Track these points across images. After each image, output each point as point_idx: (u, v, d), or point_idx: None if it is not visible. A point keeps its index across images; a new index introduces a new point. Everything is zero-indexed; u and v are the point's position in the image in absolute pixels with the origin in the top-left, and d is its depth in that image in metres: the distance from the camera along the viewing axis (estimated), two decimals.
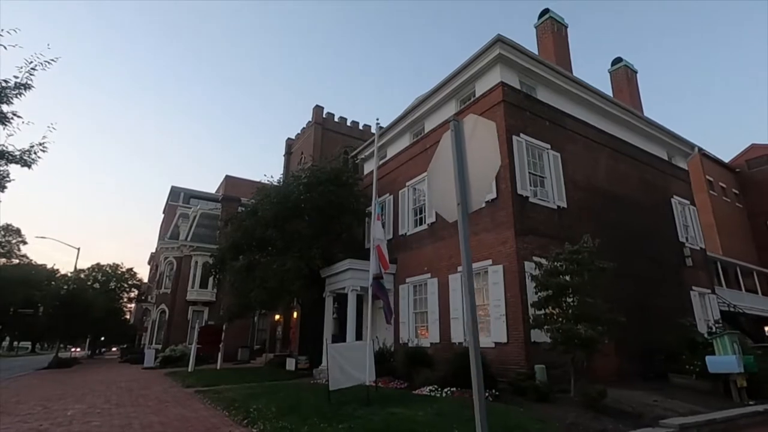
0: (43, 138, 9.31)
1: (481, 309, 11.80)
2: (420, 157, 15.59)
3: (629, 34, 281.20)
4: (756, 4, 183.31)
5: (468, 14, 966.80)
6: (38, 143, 9.24)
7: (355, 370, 8.67)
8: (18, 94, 8.76)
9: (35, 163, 9.21)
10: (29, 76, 8.89)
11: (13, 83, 8.80)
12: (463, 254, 2.87)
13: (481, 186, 2.91)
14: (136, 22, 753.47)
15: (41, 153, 9.17)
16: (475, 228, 12.36)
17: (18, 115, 8.90)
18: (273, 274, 14.43)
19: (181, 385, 13.47)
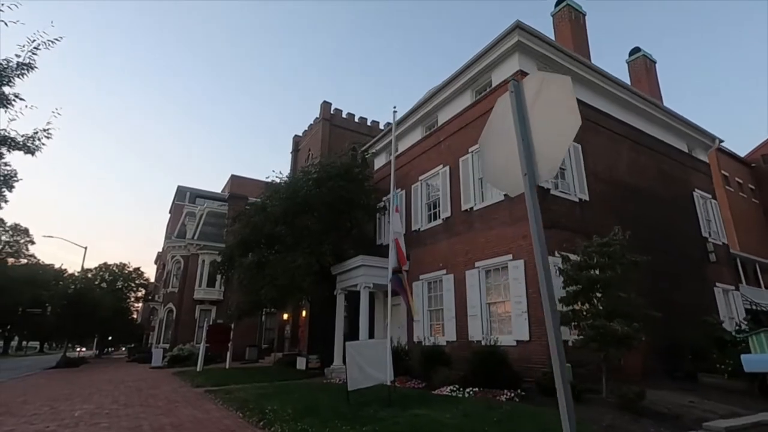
0: (47, 124, 8.93)
1: (501, 306, 11.38)
2: (433, 151, 15.17)
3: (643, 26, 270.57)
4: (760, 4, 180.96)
5: (474, 11, 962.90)
6: (42, 129, 8.86)
7: (373, 370, 8.27)
8: (20, 74, 8.37)
9: (39, 150, 8.83)
10: (32, 55, 8.50)
11: (15, 63, 8.41)
12: (535, 236, 2.45)
13: (553, 153, 2.48)
14: (141, 23, 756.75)
15: (45, 140, 8.79)
16: (492, 222, 11.95)
17: (20, 98, 8.47)
18: (283, 271, 14.06)
19: (190, 385, 13.14)
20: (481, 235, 12.24)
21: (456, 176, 13.73)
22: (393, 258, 8.87)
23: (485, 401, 7.76)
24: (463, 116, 13.94)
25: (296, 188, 15.71)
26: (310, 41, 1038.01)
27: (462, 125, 13.91)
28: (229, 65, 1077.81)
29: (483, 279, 11.98)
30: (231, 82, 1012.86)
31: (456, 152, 13.97)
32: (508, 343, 10.42)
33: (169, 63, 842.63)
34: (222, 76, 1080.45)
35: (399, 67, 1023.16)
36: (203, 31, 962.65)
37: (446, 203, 13.91)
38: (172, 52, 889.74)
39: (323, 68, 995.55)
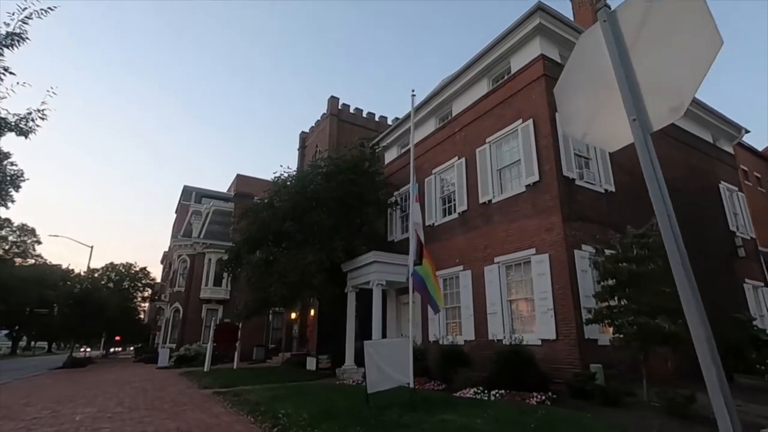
0: (42, 104, 8.34)
1: (524, 303, 10.79)
2: (448, 143, 14.59)
3: None
4: None
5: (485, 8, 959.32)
6: (37, 109, 8.31)
7: (393, 371, 7.73)
8: (10, 44, 7.81)
9: (33, 132, 8.28)
10: (23, 25, 7.93)
11: (4, 32, 7.85)
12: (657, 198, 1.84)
13: (681, 86, 1.88)
14: (149, 24, 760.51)
15: (40, 121, 8.25)
16: (513, 215, 11.35)
17: (11, 72, 7.89)
18: (293, 268, 13.53)
19: (197, 386, 12.66)
20: (501, 228, 11.65)
21: (472, 168, 13.14)
22: (414, 251, 8.28)
23: (515, 405, 7.18)
24: (479, 106, 13.35)
25: (305, 183, 15.19)
26: (317, 39, 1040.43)
27: (478, 115, 13.32)
28: (235, 64, 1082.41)
29: (503, 275, 11.39)
30: (237, 80, 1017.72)
31: (472, 143, 13.38)
32: (533, 342, 9.83)
33: (178, 63, 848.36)
34: (227, 75, 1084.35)
35: (406, 63, 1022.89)
36: (210, 31, 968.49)
37: (462, 196, 13.33)
38: (175, 52, 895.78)
39: (330, 65, 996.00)
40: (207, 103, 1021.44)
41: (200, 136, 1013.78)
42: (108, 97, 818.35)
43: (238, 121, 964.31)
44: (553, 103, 11.02)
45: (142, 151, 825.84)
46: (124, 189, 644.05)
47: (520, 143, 11.50)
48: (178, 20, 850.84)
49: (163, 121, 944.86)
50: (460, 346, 11.61)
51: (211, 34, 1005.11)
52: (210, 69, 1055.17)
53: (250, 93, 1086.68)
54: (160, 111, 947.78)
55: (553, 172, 10.42)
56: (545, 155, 10.71)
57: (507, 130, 12.07)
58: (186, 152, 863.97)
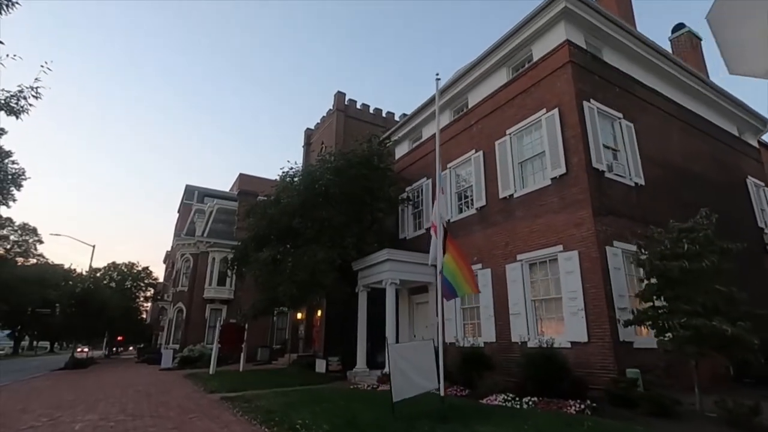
0: (35, 81, 7.69)
1: (550, 303, 10.17)
2: (463, 136, 13.97)
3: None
4: None
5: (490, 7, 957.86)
6: (29, 87, 7.68)
7: (418, 376, 7.14)
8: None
9: (26, 112, 7.66)
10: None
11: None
12: None
13: None
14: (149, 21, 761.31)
15: (34, 100, 7.62)
16: (537, 209, 10.73)
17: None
18: (302, 266, 12.94)
19: (203, 390, 12.08)
20: (524, 224, 11.03)
21: (491, 161, 12.53)
22: (439, 246, 7.66)
23: (557, 415, 6.57)
24: (498, 96, 12.73)
25: (314, 178, 14.58)
26: (321, 34, 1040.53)
27: (497, 106, 12.70)
28: (237, 62, 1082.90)
29: (527, 273, 10.78)
30: (239, 79, 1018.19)
31: (491, 135, 12.76)
32: (562, 345, 9.22)
33: (180, 62, 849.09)
34: (230, 73, 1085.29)
35: (413, 59, 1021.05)
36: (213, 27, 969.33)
37: (480, 191, 12.72)
38: (179, 51, 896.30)
39: (335, 62, 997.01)
40: (209, 101, 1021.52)
41: (202, 134, 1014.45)
42: (108, 95, 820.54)
43: (240, 119, 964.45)
44: (580, 91, 10.42)
45: (144, 149, 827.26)
46: (126, 188, 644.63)
47: (545, 134, 10.88)
48: (181, 16, 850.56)
49: (165, 119, 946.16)
50: (481, 348, 11.01)
51: (214, 31, 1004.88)
52: (212, 67, 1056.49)
53: (252, 91, 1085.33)
54: (161, 109, 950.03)
55: (581, 164, 9.80)
56: (573, 146, 10.09)
57: (529, 121, 11.45)
58: (188, 151, 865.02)
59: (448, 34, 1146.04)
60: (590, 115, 10.32)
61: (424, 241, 14.89)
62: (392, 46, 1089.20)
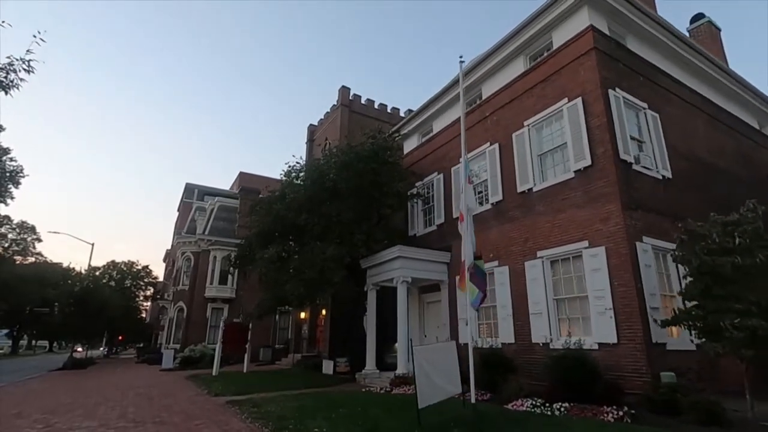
0: (27, 53, 7.07)
1: (574, 302, 9.65)
2: (477, 128, 13.44)
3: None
4: None
5: None
6: (20, 59, 7.10)
7: (442, 380, 6.63)
8: None
9: (16, 87, 7.11)
10: None
11: None
12: None
13: None
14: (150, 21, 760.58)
15: (25, 74, 7.05)
16: (560, 204, 10.21)
17: None
18: (311, 264, 12.42)
19: (208, 393, 11.55)
20: (544, 219, 10.51)
21: (508, 154, 12.01)
22: (471, 240, 7.13)
23: (595, 424, 6.05)
24: (515, 86, 12.20)
25: (321, 172, 14.05)
26: (321, 33, 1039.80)
27: (514, 96, 12.18)
28: (236, 60, 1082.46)
29: (548, 271, 10.25)
30: (238, 78, 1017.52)
31: (507, 127, 12.24)
32: (588, 347, 8.70)
33: (180, 59, 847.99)
34: (229, 71, 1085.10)
35: (417, 54, 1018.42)
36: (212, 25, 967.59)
37: (496, 185, 12.19)
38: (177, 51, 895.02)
39: (334, 63, 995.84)
40: (209, 100, 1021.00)
41: (201, 133, 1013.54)
42: (107, 94, 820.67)
43: (240, 118, 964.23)
44: (605, 79, 9.90)
45: (143, 148, 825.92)
46: (124, 187, 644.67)
47: (566, 125, 10.36)
48: (180, 16, 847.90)
49: (163, 117, 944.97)
50: (499, 349, 10.49)
51: (213, 30, 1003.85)
52: (212, 65, 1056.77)
53: (251, 90, 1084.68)
54: (159, 107, 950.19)
55: (608, 155, 9.28)
56: (598, 137, 9.57)
57: (549, 112, 10.93)
58: (188, 150, 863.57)
59: (450, 33, 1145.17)
60: (616, 104, 9.80)
61: (435, 238, 14.40)
62: (393, 44, 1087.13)
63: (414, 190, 15.69)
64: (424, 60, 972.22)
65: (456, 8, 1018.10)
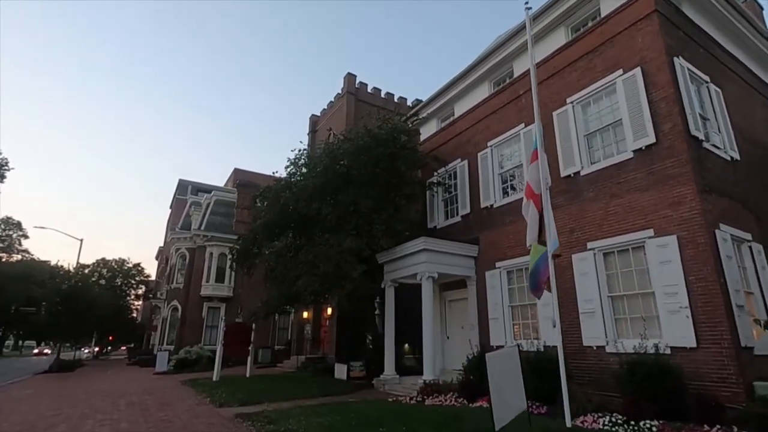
0: None
1: (636, 300, 8.45)
2: (509, 108, 12.23)
3: None
4: None
5: None
6: None
7: (511, 395, 5.40)
8: None
9: None
10: None
11: None
12: None
13: None
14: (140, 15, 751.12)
15: None
16: (614, 188, 9.02)
17: None
18: (326, 257, 11.11)
19: (210, 402, 10.21)
20: (595, 206, 9.31)
21: (548, 135, 10.75)
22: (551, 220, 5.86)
23: None
24: (555, 60, 10.99)
25: (336, 157, 12.73)
26: (318, 29, 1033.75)
27: (553, 71, 10.96)
28: (233, 56, 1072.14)
29: (601, 264, 9.05)
30: (236, 74, 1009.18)
31: (546, 106, 10.95)
32: (658, 351, 7.50)
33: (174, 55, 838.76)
34: (226, 68, 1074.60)
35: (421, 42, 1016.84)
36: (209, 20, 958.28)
37: None
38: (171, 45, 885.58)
39: (333, 61, 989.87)
40: (203, 95, 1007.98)
41: (195, 130, 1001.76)
42: (101, 92, 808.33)
43: (236, 115, 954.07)
44: (669, 47, 8.70)
45: (134, 145, 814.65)
46: (115, 184, 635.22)
47: (622, 99, 9.15)
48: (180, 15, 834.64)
49: (155, 114, 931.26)
50: (543, 353, 9.23)
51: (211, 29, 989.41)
52: (207, 62, 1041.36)
53: (248, 87, 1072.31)
54: (151, 101, 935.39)
55: (678, 130, 8.09)
56: (664, 111, 8.38)
57: (598, 86, 9.73)
58: (180, 147, 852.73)
59: (458, 21, 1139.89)
60: (682, 74, 8.62)
61: (460, 230, 13.16)
62: (394, 40, 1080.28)
63: (434, 178, 14.43)
64: (426, 56, 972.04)
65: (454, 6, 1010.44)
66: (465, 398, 8.82)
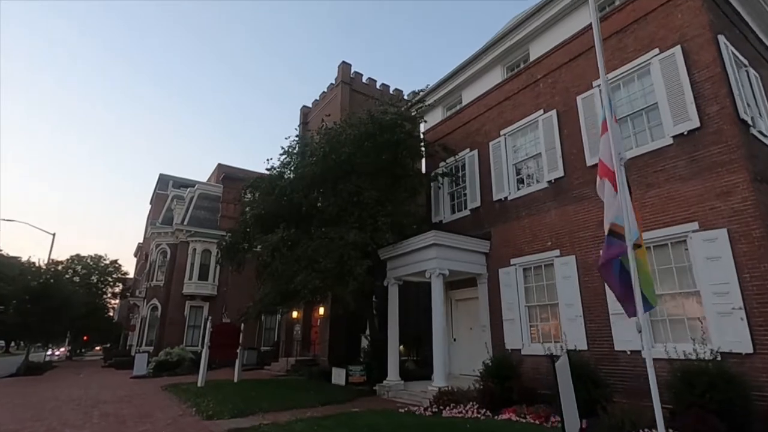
0: None
1: (675, 300, 7.68)
2: (525, 95, 11.41)
3: None
4: None
5: None
6: None
7: (570, 406, 4.49)
8: None
9: None
10: None
11: None
12: None
13: None
14: None
15: None
16: (651, 177, 8.26)
17: None
18: (327, 251, 10.08)
19: (196, 413, 9.06)
20: None
21: (571, 122, 10.00)
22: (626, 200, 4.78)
23: None
24: (579, 41, 10.21)
25: (337, 143, 11.68)
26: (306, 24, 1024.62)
27: (578, 53, 10.19)
28: (217, 49, 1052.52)
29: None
30: (218, 66, 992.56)
31: (567, 90, 10.25)
32: (705, 356, 6.73)
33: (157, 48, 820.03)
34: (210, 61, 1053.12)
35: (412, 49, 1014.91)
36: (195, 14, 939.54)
37: (554, 159, 10.17)
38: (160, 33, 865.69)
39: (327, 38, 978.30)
40: (186, 90, 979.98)
41: (177, 124, 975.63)
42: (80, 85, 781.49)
43: (219, 110, 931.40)
44: (712, 22, 7.97)
45: (115, 138, 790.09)
46: (93, 180, 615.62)
47: (659, 80, 8.40)
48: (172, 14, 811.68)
49: (138, 108, 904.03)
50: (571, 359, 8.42)
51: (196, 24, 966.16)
52: (190, 57, 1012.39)
53: (233, 82, 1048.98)
54: (134, 99, 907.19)
55: (727, 113, 7.35)
56: (709, 92, 7.64)
57: (630, 68, 8.97)
58: (162, 142, 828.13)
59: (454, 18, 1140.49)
60: (727, 53, 7.90)
61: (468, 224, 12.28)
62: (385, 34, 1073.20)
63: (440, 169, 13.52)
64: (423, 51, 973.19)
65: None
66: (487, 409, 7.93)
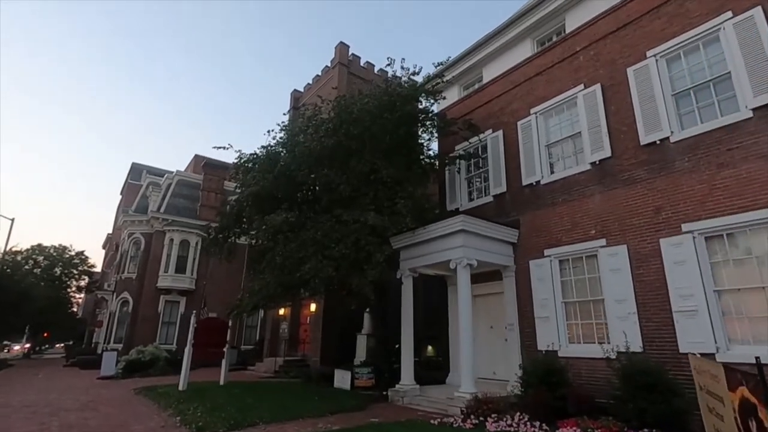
0: None
1: (755, 295, 6.66)
2: (561, 68, 10.30)
3: None
4: None
5: None
6: None
7: None
8: None
9: None
10: None
11: None
12: None
13: None
14: None
15: None
16: (723, 157, 7.26)
17: None
18: (340, 236, 8.67)
19: (182, 424, 7.53)
20: (694, 180, 7.49)
21: (619, 96, 8.94)
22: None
23: None
24: (627, 8, 9.15)
25: (351, 115, 10.27)
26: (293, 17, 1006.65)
27: (626, 21, 9.12)
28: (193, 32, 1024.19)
29: (703, 251, 7.22)
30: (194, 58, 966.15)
31: (614, 62, 9.18)
32: None
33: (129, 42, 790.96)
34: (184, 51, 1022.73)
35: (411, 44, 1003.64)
36: None
37: (599, 139, 9.09)
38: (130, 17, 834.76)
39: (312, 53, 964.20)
40: (159, 79, 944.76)
41: (148, 115, 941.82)
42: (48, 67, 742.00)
43: (195, 105, 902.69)
44: None
45: (84, 129, 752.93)
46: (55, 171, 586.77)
47: (732, 48, 7.40)
48: None
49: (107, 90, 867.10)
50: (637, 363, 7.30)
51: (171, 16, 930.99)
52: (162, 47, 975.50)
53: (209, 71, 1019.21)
54: (101, 88, 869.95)
55: None
56: None
57: (694, 35, 7.95)
58: (133, 132, 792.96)
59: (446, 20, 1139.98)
60: None
61: (491, 212, 11.09)
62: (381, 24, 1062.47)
63: (456, 152, 12.29)
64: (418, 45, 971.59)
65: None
66: (540, 420, 6.72)
